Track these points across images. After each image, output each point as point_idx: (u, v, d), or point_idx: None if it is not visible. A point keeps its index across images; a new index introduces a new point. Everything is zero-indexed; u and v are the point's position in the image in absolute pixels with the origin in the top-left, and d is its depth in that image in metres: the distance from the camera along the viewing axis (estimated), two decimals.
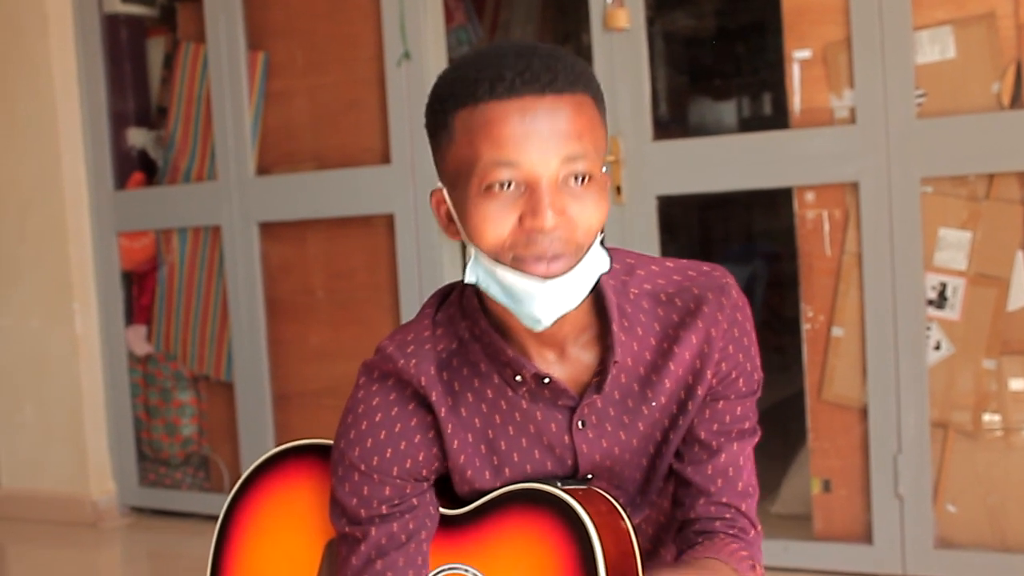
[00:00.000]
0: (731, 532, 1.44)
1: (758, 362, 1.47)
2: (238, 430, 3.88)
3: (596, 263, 1.31)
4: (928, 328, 2.88)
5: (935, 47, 2.84)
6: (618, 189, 3.12)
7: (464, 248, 1.47)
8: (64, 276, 4.03)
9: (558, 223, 1.24)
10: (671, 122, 5.21)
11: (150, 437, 4.13)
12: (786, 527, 3.25)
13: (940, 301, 2.87)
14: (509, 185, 1.25)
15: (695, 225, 5.54)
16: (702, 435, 1.44)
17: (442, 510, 1.46)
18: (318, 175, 3.68)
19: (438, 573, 1.45)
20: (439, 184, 1.37)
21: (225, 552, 1.59)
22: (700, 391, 1.41)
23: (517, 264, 1.26)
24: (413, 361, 1.38)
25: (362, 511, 1.41)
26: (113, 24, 4.09)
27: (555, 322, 1.32)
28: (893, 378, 2.91)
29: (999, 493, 2.86)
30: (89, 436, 4.06)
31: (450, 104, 1.29)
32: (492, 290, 1.30)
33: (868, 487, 2.97)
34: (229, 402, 3.94)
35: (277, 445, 1.61)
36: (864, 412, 2.97)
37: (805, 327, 3.03)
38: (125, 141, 4.12)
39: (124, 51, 4.12)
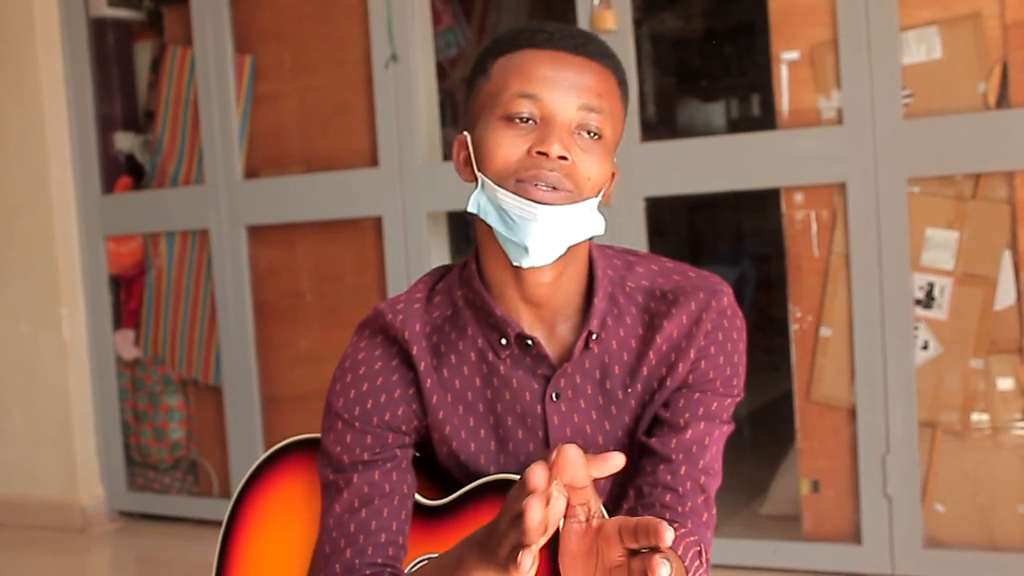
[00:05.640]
0: (679, 510, 1.41)
1: (741, 371, 1.47)
2: (227, 434, 3.88)
3: (591, 220, 1.37)
4: (916, 328, 2.89)
5: (921, 47, 2.84)
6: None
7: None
8: (52, 280, 4.02)
9: (562, 160, 1.33)
10: (659, 124, 5.22)
11: (138, 442, 4.12)
12: (775, 528, 3.25)
13: (927, 301, 2.88)
14: (528, 120, 1.35)
15: (683, 227, 5.55)
16: (671, 417, 1.44)
17: (423, 500, 1.48)
18: (306, 178, 3.68)
19: (417, 563, 1.46)
20: (464, 133, 1.44)
21: (230, 550, 1.60)
22: (669, 383, 1.44)
23: (518, 190, 1.34)
24: (400, 317, 1.45)
25: (345, 457, 1.46)
26: (100, 28, 4.08)
27: (547, 284, 1.38)
28: (881, 378, 2.92)
29: (987, 492, 2.87)
30: (77, 441, 4.05)
31: (493, 53, 1.41)
32: (490, 217, 1.36)
33: (857, 487, 2.98)
34: (217, 406, 3.93)
35: (266, 449, 1.62)
36: (852, 412, 2.98)
37: (793, 327, 3.04)
38: (112, 145, 4.11)
39: (111, 55, 4.11)
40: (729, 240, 5.71)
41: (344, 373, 1.48)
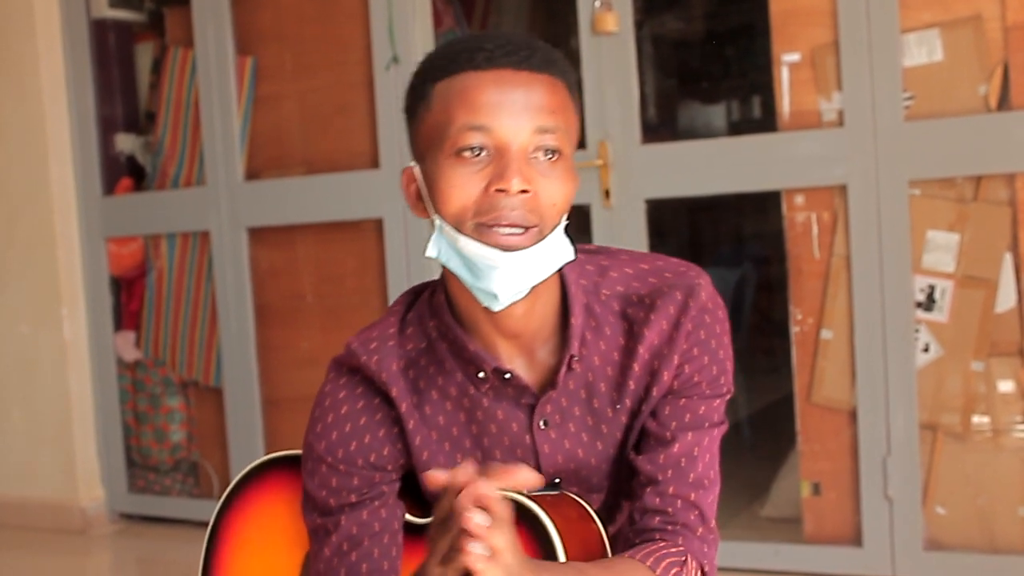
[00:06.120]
0: (668, 529, 1.36)
1: (728, 366, 1.42)
2: (227, 436, 3.87)
3: (559, 250, 1.30)
4: (916, 330, 2.89)
5: (922, 50, 2.84)
6: (607, 193, 3.12)
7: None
8: (53, 282, 4.02)
9: (523, 193, 1.24)
10: (660, 126, 5.21)
11: (139, 443, 4.11)
12: (776, 530, 3.25)
13: (928, 303, 2.88)
14: (480, 152, 1.25)
15: (684, 228, 5.54)
16: (657, 428, 1.39)
17: (410, 518, 1.44)
18: (307, 180, 3.68)
19: None
20: (411, 163, 1.36)
21: (213, 564, 1.58)
22: (655, 392, 1.38)
23: (479, 235, 1.26)
24: (375, 358, 1.38)
25: (332, 501, 1.40)
26: (101, 29, 4.08)
27: (521, 315, 1.32)
28: (882, 380, 2.91)
29: (988, 495, 2.87)
30: (78, 442, 4.05)
31: (430, 76, 1.31)
32: (452, 263, 1.30)
33: (858, 489, 2.98)
34: (218, 408, 3.93)
35: (266, 451, 1.61)
36: (853, 414, 2.97)
37: (794, 330, 3.04)
38: (113, 146, 4.12)
39: (112, 56, 4.12)
40: (730, 242, 5.71)
41: (324, 414, 1.41)
